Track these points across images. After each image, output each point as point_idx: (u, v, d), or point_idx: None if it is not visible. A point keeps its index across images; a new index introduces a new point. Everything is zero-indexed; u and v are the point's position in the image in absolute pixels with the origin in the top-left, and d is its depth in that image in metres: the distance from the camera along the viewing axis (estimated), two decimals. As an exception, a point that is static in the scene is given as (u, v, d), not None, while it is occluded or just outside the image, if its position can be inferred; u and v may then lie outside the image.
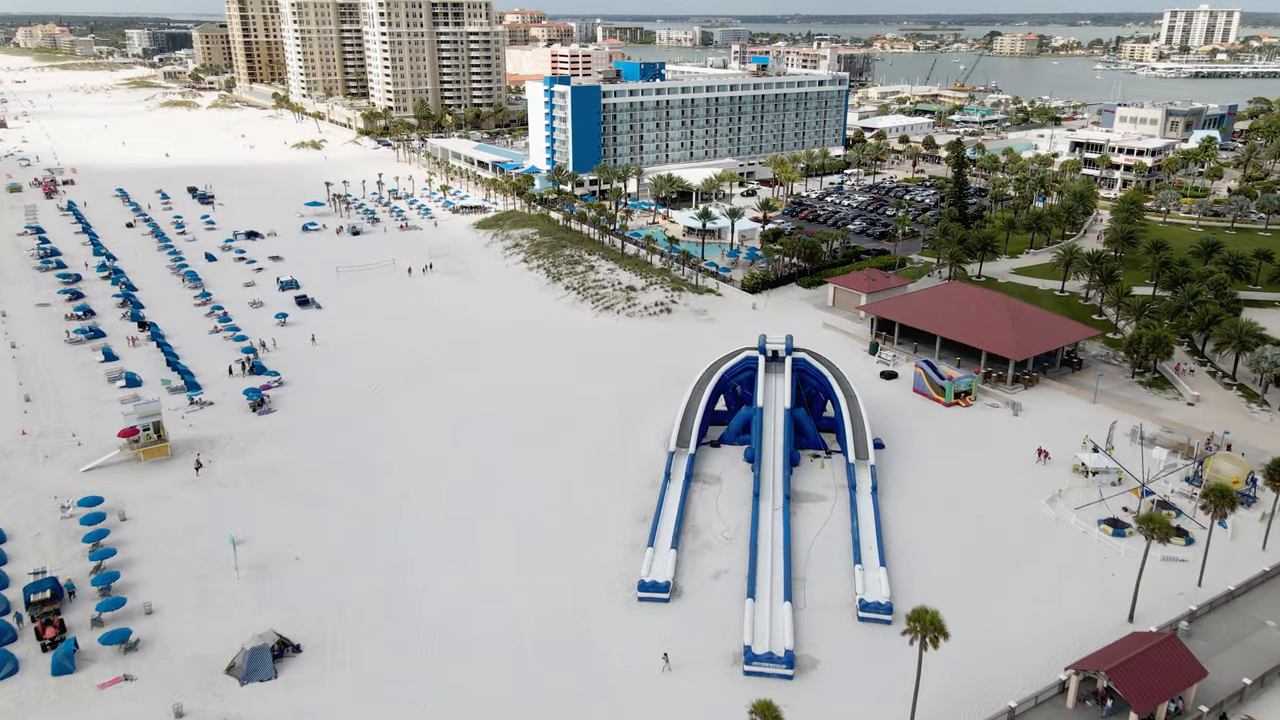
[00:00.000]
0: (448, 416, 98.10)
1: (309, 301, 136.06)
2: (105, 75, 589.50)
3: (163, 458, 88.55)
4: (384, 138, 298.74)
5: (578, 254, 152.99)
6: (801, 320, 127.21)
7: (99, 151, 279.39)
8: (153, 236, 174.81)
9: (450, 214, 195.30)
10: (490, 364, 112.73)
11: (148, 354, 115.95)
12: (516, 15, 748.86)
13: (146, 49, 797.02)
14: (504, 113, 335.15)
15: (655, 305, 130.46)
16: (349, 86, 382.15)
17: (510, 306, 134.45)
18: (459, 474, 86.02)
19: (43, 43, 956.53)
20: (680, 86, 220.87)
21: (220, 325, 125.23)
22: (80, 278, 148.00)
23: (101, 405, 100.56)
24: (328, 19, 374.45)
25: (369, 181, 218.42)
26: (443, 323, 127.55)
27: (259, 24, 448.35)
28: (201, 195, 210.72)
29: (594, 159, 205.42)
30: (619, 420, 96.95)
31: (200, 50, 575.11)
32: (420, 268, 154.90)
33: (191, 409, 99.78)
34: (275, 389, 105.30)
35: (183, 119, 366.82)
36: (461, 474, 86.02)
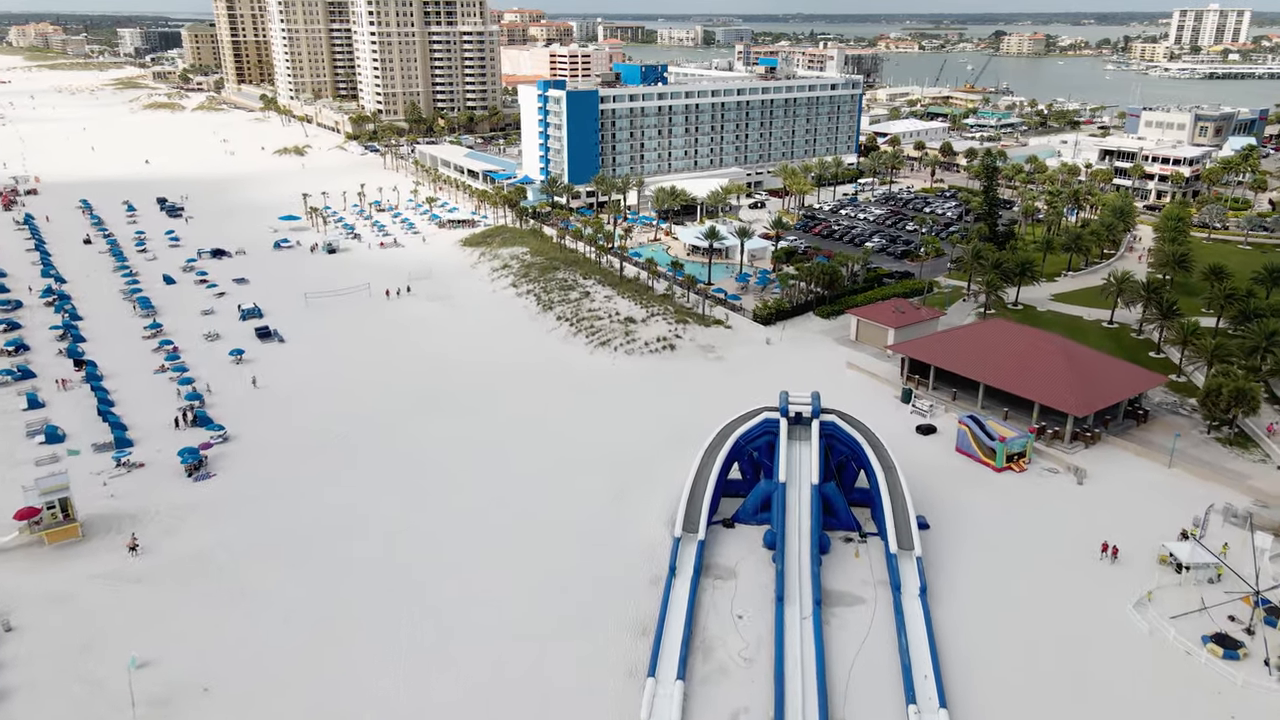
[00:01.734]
0: (411, 484, 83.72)
1: (271, 334, 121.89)
2: (93, 75, 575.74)
3: (72, 540, 74.45)
4: (372, 143, 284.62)
5: (572, 277, 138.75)
6: (821, 358, 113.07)
7: (71, 158, 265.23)
8: (110, 255, 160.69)
9: (437, 229, 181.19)
10: (467, 415, 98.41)
11: (79, 399, 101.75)
12: (515, 14, 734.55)
13: (139, 48, 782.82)
14: (499, 116, 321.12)
15: (658, 340, 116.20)
16: (339, 88, 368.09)
17: (495, 341, 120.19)
18: (418, 567, 71.63)
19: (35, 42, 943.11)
20: (684, 91, 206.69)
21: (167, 364, 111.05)
22: (20, 304, 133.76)
23: (12, 467, 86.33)
24: (316, 17, 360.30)
25: (350, 192, 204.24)
26: (417, 361, 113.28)
27: (247, 22, 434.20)
28: (170, 207, 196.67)
29: (591, 169, 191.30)
30: (614, 490, 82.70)
31: (190, 50, 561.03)
32: (399, 290, 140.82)
33: (117, 473, 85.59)
34: (218, 445, 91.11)
35: (166, 122, 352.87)
36: (422, 567, 71.62)
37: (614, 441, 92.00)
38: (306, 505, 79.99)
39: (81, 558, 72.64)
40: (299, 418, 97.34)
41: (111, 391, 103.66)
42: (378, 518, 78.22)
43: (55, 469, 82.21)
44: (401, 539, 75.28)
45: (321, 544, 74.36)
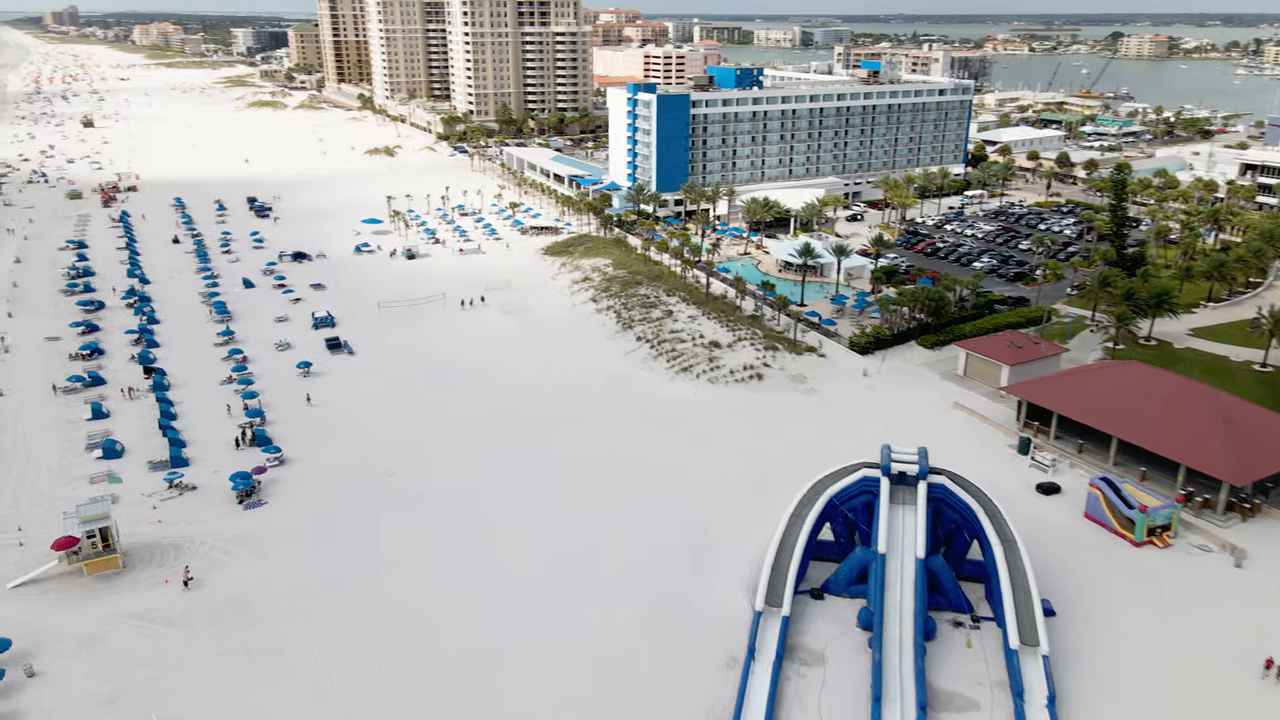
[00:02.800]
0: (463, 530, 76.75)
1: (340, 345, 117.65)
2: (206, 74, 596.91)
3: (112, 571, 70.23)
4: (461, 144, 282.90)
5: (655, 294, 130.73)
6: (924, 396, 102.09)
7: (172, 155, 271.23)
8: (195, 255, 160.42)
9: (519, 235, 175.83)
10: (532, 446, 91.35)
11: (143, 410, 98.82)
12: (611, 14, 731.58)
13: (250, 48, 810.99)
14: (589, 118, 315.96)
15: (744, 369, 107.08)
16: (432, 88, 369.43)
17: (569, 362, 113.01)
18: (461, 632, 64.57)
19: (156, 41, 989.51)
20: (780, 95, 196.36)
21: (234, 375, 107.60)
22: (103, 305, 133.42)
23: (67, 483, 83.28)
24: (413, 18, 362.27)
25: (435, 195, 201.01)
26: (484, 382, 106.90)
27: (348, 23, 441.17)
28: (259, 207, 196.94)
29: (680, 177, 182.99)
30: (688, 543, 74.23)
31: (295, 49, 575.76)
32: (472, 300, 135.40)
33: (168, 495, 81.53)
34: (273, 469, 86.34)
35: (267, 120, 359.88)
36: (466, 633, 64.54)
37: (690, 484, 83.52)
38: (352, 548, 73.91)
39: (118, 593, 68.21)
40: (356, 443, 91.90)
41: (176, 403, 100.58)
42: (423, 570, 71.43)
43: (99, 493, 78.54)
44: (446, 595, 68.29)
45: (363, 598, 67.94)
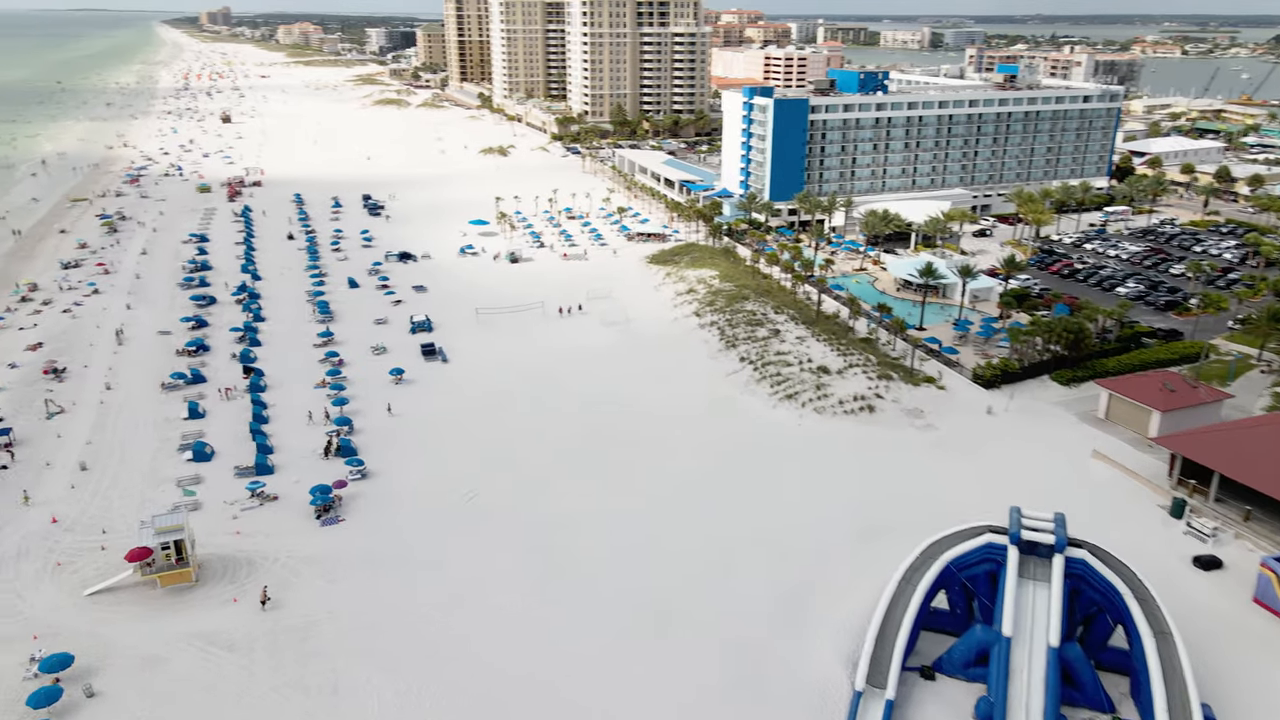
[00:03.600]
0: (540, 566, 71.64)
1: (435, 352, 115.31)
2: (339, 72, 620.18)
3: (184, 585, 68.54)
4: (574, 144, 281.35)
5: (762, 311, 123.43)
6: (1058, 440, 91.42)
7: (298, 151, 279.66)
8: (306, 253, 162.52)
9: (625, 241, 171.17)
10: (619, 474, 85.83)
11: (238, 412, 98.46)
12: (733, 15, 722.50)
13: (382, 47, 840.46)
14: (705, 120, 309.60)
15: (854, 399, 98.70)
16: (550, 88, 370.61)
17: (666, 381, 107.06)
18: (531, 682, 59.41)
19: (297, 40, 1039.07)
20: (906, 101, 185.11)
21: (328, 379, 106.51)
22: (214, 301, 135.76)
23: (156, 485, 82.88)
24: (534, 18, 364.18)
25: (543, 197, 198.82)
26: (576, 399, 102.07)
27: (473, 23, 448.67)
28: (372, 205, 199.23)
29: (795, 185, 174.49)
30: (780, 597, 67.16)
31: (423, 49, 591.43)
32: (570, 308, 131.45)
33: (250, 505, 79.93)
34: (354, 483, 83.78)
35: (391, 118, 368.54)
36: (535, 684, 59.33)
37: (787, 527, 76.29)
38: (423, 579, 69.98)
39: (187, 609, 66.31)
40: (439, 460, 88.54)
41: (269, 405, 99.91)
42: (493, 610, 66.73)
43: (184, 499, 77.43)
44: (514, 641, 63.37)
45: (428, 638, 63.78)
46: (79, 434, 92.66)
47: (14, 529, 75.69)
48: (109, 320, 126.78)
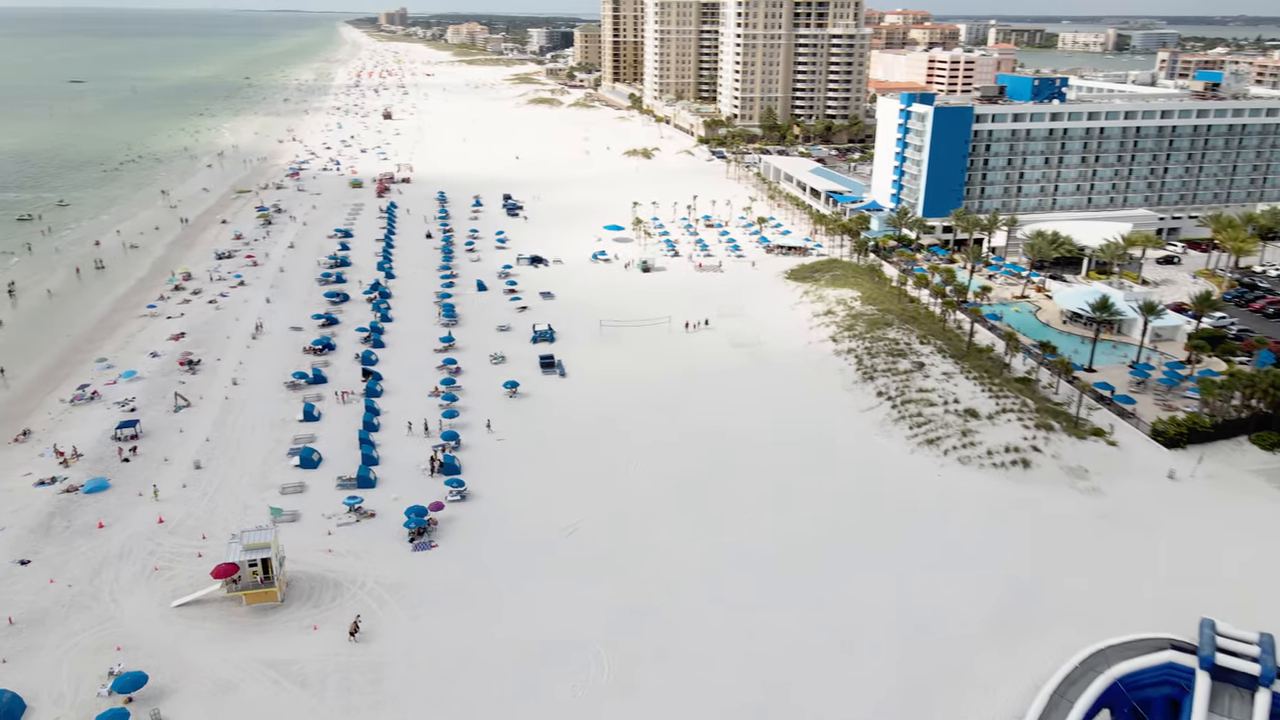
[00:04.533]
0: (643, 617, 65.32)
1: (554, 365, 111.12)
2: (499, 71, 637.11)
3: (269, 604, 66.35)
4: (720, 148, 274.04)
5: (906, 340, 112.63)
6: (1262, 522, 77.06)
7: (447, 149, 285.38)
8: (440, 252, 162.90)
9: (763, 254, 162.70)
10: (738, 516, 78.33)
11: (351, 417, 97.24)
12: (897, 15, 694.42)
13: (542, 46, 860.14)
14: (859, 126, 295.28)
15: (1006, 450, 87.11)
16: (700, 90, 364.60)
17: (795, 413, 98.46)
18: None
19: (464, 39, 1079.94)
20: (1086, 111, 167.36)
21: (442, 388, 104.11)
22: (347, 298, 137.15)
23: (260, 491, 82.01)
24: (689, 19, 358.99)
25: (682, 203, 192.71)
26: (697, 426, 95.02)
27: (628, 23, 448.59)
28: (510, 206, 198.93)
29: (952, 201, 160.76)
30: (909, 696, 57.91)
31: (579, 48, 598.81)
32: (697, 323, 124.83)
33: (346, 521, 77.54)
34: (452, 505, 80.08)
35: (542, 117, 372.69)
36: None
37: (918, 601, 66.67)
38: (510, 624, 64.92)
39: (268, 631, 63.94)
40: (542, 486, 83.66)
41: (382, 412, 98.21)
42: (583, 670, 60.79)
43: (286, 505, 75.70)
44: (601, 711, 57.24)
45: (507, 694, 58.55)
46: (200, 430, 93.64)
47: (124, 526, 76.15)
48: (248, 313, 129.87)
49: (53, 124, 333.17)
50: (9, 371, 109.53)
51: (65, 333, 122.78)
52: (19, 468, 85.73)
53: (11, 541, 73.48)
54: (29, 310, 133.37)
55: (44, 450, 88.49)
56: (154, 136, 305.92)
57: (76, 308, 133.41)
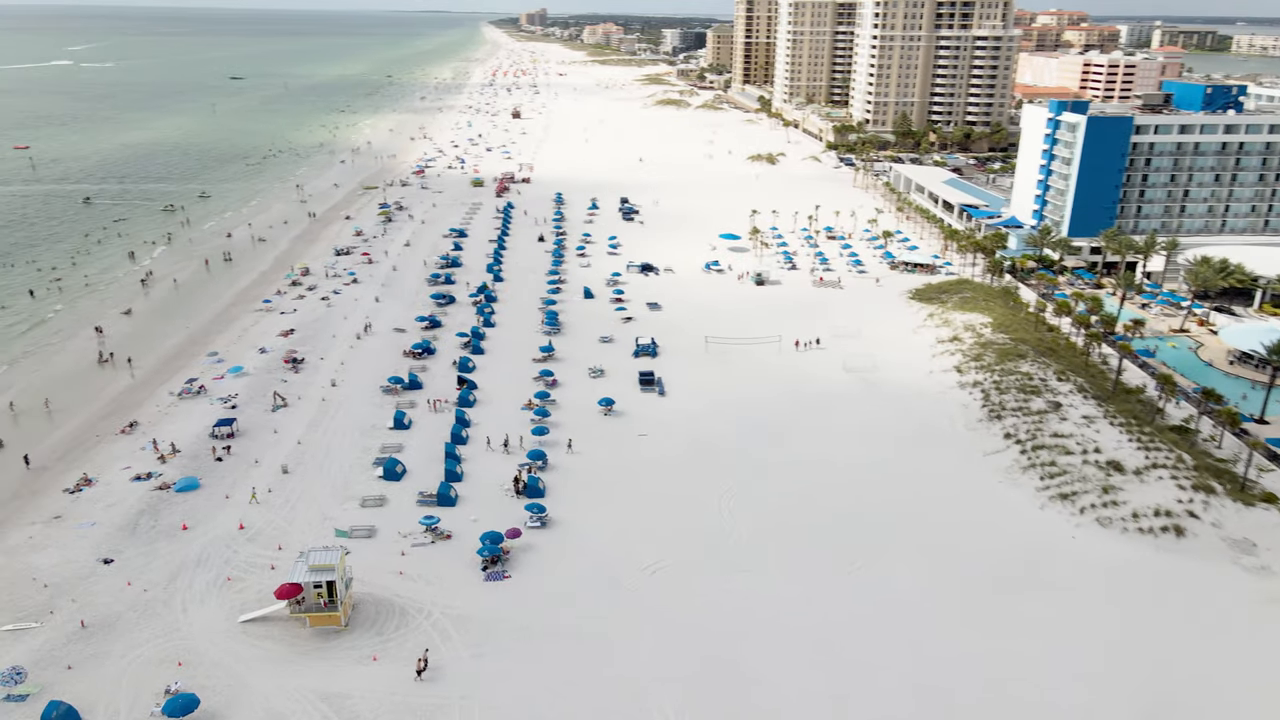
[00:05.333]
0: (714, 692, 59.09)
1: (653, 383, 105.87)
2: (629, 71, 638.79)
3: (332, 628, 63.79)
4: (848, 155, 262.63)
5: (1041, 375, 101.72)
6: None
7: (570, 149, 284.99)
8: (551, 256, 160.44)
9: (887, 270, 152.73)
10: (832, 567, 70.99)
11: (441, 427, 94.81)
12: (1050, 16, 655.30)
13: (675, 47, 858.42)
14: (1002, 134, 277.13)
15: (1155, 514, 76.10)
16: (832, 94, 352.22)
17: (907, 454, 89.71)
18: None
19: (600, 40, 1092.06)
20: (1267, 123, 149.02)
21: (535, 401, 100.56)
22: (453, 300, 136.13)
23: (340, 503, 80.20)
24: (823, 20, 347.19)
25: (803, 212, 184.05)
26: (801, 459, 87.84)
27: (761, 24, 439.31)
28: (627, 210, 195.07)
29: (1102, 220, 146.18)
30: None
31: (711, 49, 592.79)
32: (809, 342, 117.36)
33: (420, 541, 74.60)
34: (530, 532, 75.97)
35: (669, 119, 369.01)
36: None
37: (1036, 704, 57.58)
38: (577, 668, 60.00)
39: (327, 658, 61.27)
40: (625, 517, 78.43)
41: (472, 424, 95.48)
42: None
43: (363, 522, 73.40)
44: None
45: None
46: (293, 433, 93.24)
47: (206, 530, 75.67)
48: (357, 312, 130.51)
49: (212, 119, 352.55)
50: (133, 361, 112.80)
51: (185, 325, 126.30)
52: (120, 460, 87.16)
53: (100, 538, 74.01)
54: (158, 300, 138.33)
55: (145, 444, 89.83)
56: (297, 132, 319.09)
57: (200, 300, 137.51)
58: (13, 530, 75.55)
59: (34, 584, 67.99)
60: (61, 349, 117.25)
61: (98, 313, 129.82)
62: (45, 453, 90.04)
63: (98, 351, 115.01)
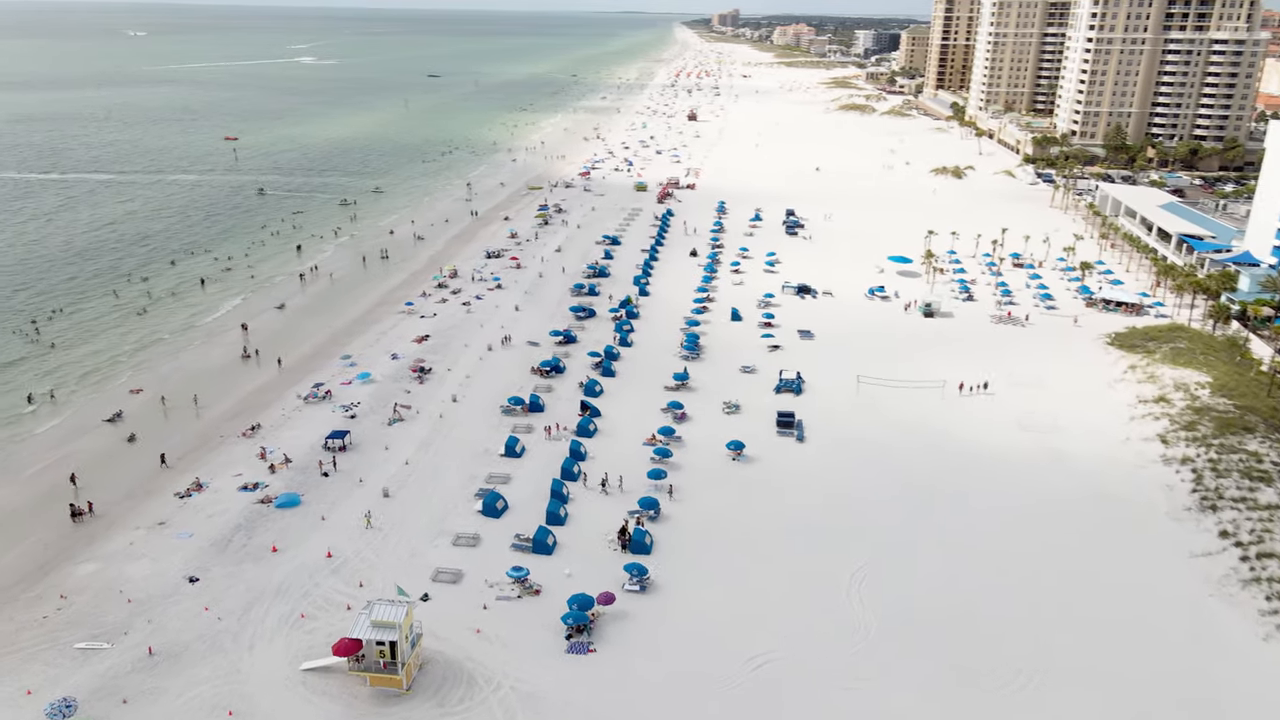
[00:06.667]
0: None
1: (792, 425, 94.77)
2: (816, 74, 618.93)
3: (393, 690, 57.85)
4: (1048, 170, 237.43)
5: (1275, 458, 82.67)
6: None
7: (741, 155, 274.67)
8: (703, 271, 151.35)
9: (1083, 307, 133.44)
10: (980, 685, 57.96)
11: (553, 458, 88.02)
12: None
13: (867, 49, 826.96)
14: (1238, 151, 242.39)
15: None
16: (1035, 102, 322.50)
17: (1090, 541, 74.28)
18: None
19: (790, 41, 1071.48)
20: None
21: (659, 438, 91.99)
22: (593, 314, 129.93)
23: (433, 540, 74.69)
24: (1030, 20, 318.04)
25: (987, 236, 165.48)
26: (948, 536, 74.50)
27: (961, 25, 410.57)
28: (791, 223, 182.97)
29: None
30: None
31: (904, 52, 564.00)
32: (975, 387, 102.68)
33: (507, 594, 67.73)
34: (628, 595, 67.40)
35: (851, 125, 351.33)
36: None
37: None
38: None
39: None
40: (740, 589, 68.29)
41: (588, 458, 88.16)
42: None
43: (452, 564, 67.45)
44: None
45: None
46: (403, 450, 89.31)
47: (294, 554, 72.21)
48: (495, 320, 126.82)
49: (404, 115, 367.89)
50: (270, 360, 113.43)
51: (329, 323, 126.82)
52: (234, 466, 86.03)
53: (193, 552, 72.08)
54: (313, 295, 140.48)
55: (265, 449, 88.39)
56: (478, 129, 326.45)
57: (348, 298, 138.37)
58: (118, 533, 75.07)
59: (119, 597, 66.44)
60: (216, 342, 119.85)
61: (257, 306, 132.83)
62: (176, 450, 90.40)
63: (242, 347, 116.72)
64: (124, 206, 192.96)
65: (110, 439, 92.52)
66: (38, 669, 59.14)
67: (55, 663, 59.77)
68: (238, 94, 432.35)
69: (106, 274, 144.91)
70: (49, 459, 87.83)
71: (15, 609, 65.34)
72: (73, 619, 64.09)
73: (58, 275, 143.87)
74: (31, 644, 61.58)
